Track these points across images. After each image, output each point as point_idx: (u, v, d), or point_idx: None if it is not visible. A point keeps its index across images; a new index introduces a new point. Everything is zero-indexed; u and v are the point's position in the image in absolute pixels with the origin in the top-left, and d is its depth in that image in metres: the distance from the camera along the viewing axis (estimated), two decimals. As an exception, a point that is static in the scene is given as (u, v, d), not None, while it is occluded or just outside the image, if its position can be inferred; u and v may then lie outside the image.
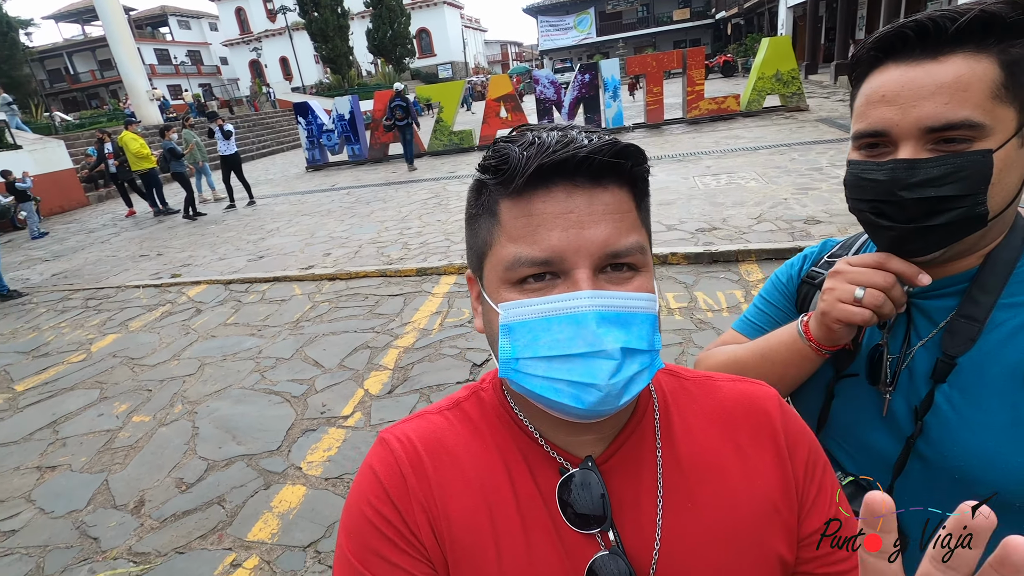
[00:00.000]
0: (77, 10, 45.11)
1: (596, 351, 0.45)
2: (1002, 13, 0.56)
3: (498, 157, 0.48)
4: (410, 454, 0.54)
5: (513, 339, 0.48)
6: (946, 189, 0.59)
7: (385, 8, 33.53)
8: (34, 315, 5.76)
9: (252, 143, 21.77)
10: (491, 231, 0.50)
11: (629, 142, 0.47)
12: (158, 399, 3.62)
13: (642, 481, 0.54)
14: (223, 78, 48.58)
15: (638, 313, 0.47)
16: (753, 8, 28.28)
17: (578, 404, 0.46)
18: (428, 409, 0.60)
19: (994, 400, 0.63)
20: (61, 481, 2.91)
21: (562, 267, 0.47)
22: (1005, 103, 0.57)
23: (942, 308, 0.68)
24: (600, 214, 0.46)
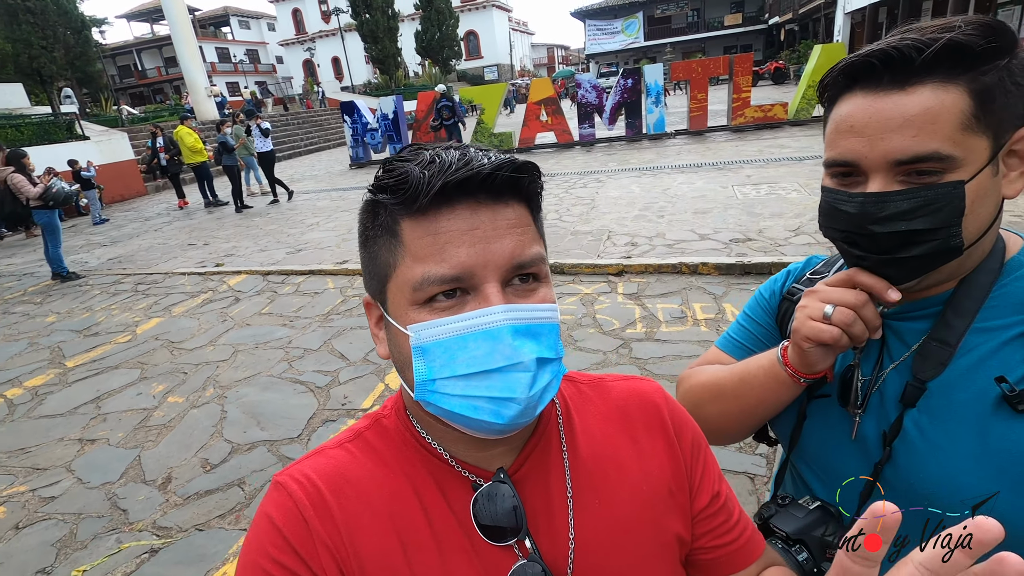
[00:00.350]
0: (147, 10, 47.67)
1: (514, 364, 0.46)
2: (971, 42, 0.53)
3: (396, 177, 0.47)
4: (311, 495, 0.52)
5: (428, 360, 0.48)
6: (918, 223, 0.57)
7: (434, 10, 34.11)
8: (89, 296, 6.12)
9: (300, 140, 22.51)
10: (393, 252, 0.49)
11: (526, 160, 0.49)
12: (192, 382, 3.80)
13: (552, 486, 0.55)
14: (278, 76, 50.43)
15: (546, 323, 0.49)
16: (809, 14, 27.39)
17: (498, 420, 0.46)
18: (327, 444, 0.58)
19: (961, 427, 0.61)
20: (99, 454, 3.09)
21: (471, 283, 0.47)
22: (976, 133, 0.55)
23: (916, 330, 0.66)
24: (504, 228, 0.47)
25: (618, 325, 3.90)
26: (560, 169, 10.43)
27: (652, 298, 4.27)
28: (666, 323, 3.85)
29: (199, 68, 20.85)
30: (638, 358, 3.42)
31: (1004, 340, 0.60)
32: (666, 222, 6.06)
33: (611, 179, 8.89)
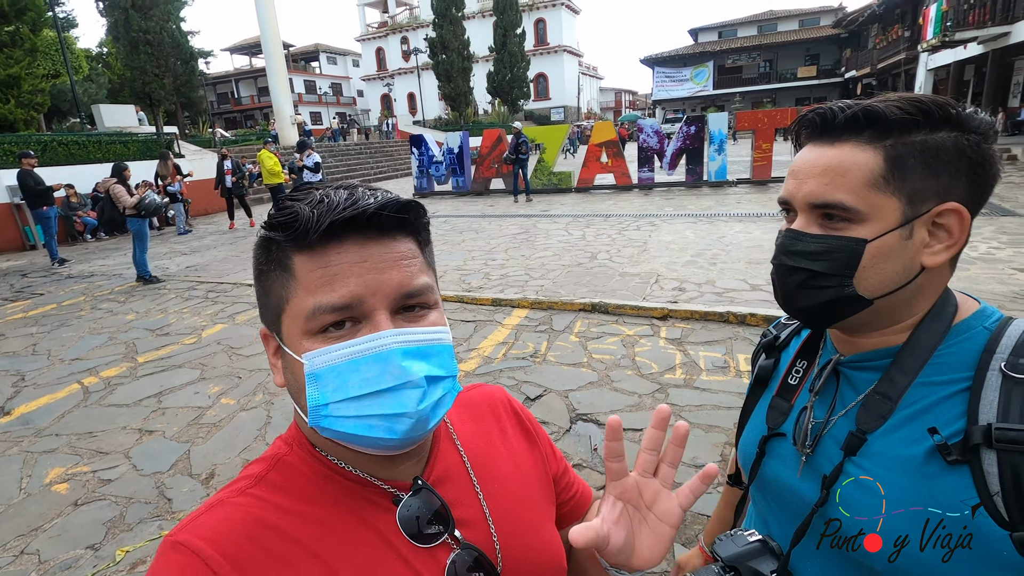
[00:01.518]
0: (248, 44, 52.34)
1: (404, 382, 0.49)
2: (886, 111, 0.61)
3: (287, 215, 0.50)
4: (227, 550, 0.48)
5: (320, 386, 0.50)
6: (817, 265, 0.64)
7: (508, 54, 35.55)
8: (165, 299, 6.64)
9: (372, 167, 23.75)
10: (286, 286, 0.51)
11: (410, 199, 0.54)
12: (244, 386, 4.04)
13: (460, 484, 0.63)
14: (357, 108, 53.68)
15: (436, 344, 0.53)
16: (888, 69, 26.61)
17: (391, 435, 0.50)
18: (226, 494, 0.54)
19: (897, 476, 0.63)
20: (154, 445, 3.33)
21: (362, 310, 0.50)
22: (884, 193, 0.61)
23: (866, 380, 0.69)
24: (392, 261, 0.51)
25: (657, 369, 3.86)
26: (616, 211, 10.49)
27: (695, 345, 4.20)
28: (707, 371, 3.77)
29: (287, 98, 22.55)
30: (674, 404, 3.36)
31: (945, 395, 0.62)
32: (717, 270, 5.96)
33: (666, 223, 8.85)
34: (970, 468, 0.58)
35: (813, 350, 0.79)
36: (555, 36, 45.19)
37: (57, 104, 26.05)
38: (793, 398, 0.78)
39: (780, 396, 0.80)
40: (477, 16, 43.93)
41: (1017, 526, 0.56)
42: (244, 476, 0.57)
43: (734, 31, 42.70)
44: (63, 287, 7.64)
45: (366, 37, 51.12)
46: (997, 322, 0.65)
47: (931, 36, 16.13)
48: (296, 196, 0.52)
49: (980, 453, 0.57)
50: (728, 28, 42.97)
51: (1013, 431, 0.56)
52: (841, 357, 0.72)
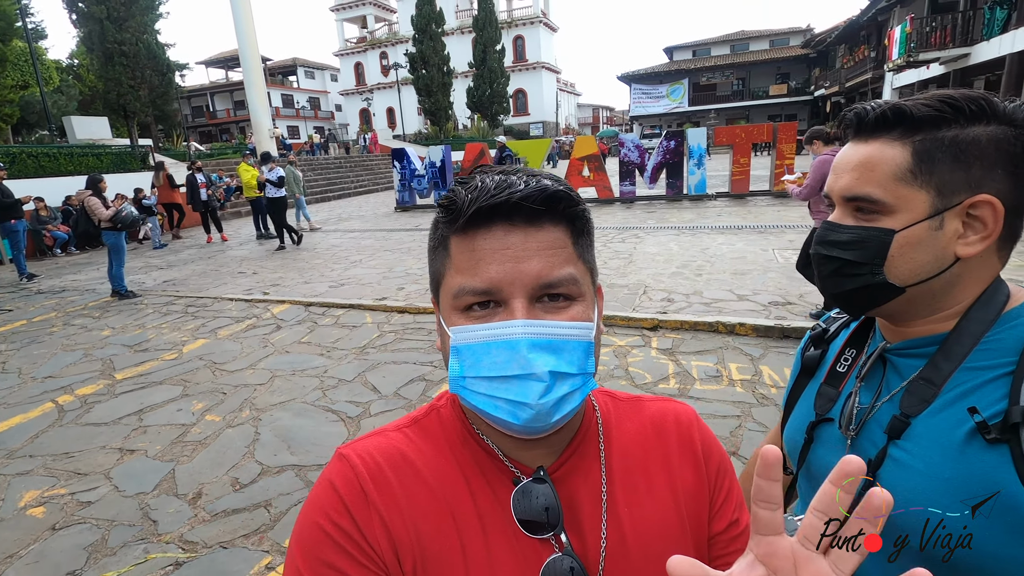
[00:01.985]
0: (224, 57, 51.83)
1: (527, 374, 0.50)
2: (911, 109, 0.64)
3: (448, 199, 0.54)
4: (371, 469, 0.56)
5: (460, 359, 0.53)
6: (848, 254, 0.68)
7: (487, 69, 35.84)
8: (143, 314, 6.44)
9: (352, 181, 23.58)
10: (443, 262, 0.56)
11: (559, 188, 0.53)
12: (230, 402, 3.92)
13: (588, 488, 0.60)
14: (335, 123, 53.45)
15: (570, 340, 0.52)
16: (855, 88, 27.57)
17: (514, 419, 0.51)
18: (387, 427, 0.63)
19: (939, 456, 0.64)
20: (136, 464, 3.19)
21: (500, 296, 0.52)
22: (913, 186, 0.64)
23: (911, 366, 0.71)
24: (534, 250, 0.52)
25: (650, 379, 3.86)
26: (600, 223, 10.58)
27: (687, 355, 4.23)
28: (700, 381, 3.79)
29: (265, 111, 22.32)
30: (670, 414, 3.36)
31: (988, 379, 0.64)
32: (704, 280, 6.04)
33: (650, 236, 8.95)
34: (1009, 447, 0.59)
35: (862, 339, 0.81)
36: (533, 53, 45.80)
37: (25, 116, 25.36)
38: (841, 385, 0.80)
39: (828, 383, 0.82)
40: (456, 32, 44.31)
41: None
42: (407, 416, 0.65)
43: (708, 50, 43.83)
44: (33, 303, 7.37)
45: (345, 52, 51.10)
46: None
47: (896, 56, 16.79)
48: (464, 179, 0.55)
49: (1020, 432, 0.59)
50: (702, 47, 44.09)
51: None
52: (888, 344, 0.74)
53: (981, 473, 0.61)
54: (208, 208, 11.81)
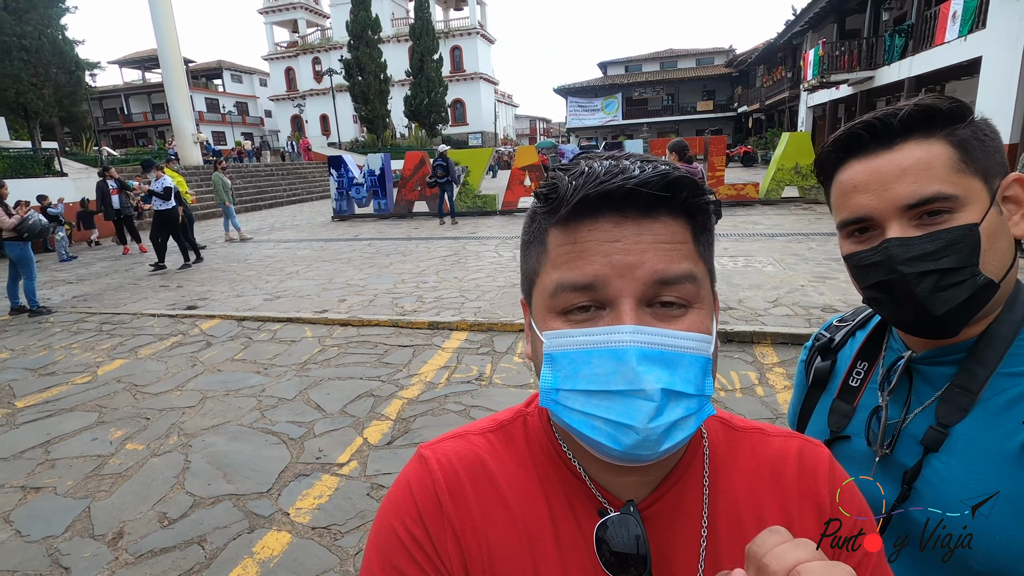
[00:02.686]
0: (141, 57, 48.62)
1: (635, 390, 0.43)
2: (938, 104, 0.62)
3: (549, 186, 0.48)
4: (449, 478, 0.52)
5: (554, 369, 0.46)
6: (944, 262, 0.61)
7: (425, 78, 35.58)
8: (48, 334, 5.81)
9: (284, 190, 22.65)
10: (539, 259, 0.49)
11: (681, 175, 0.45)
12: (154, 428, 3.56)
13: (685, 531, 0.51)
14: (265, 129, 51.29)
15: (687, 354, 0.44)
16: (774, 105, 29.51)
17: (614, 444, 0.44)
18: (470, 428, 0.58)
19: (989, 469, 0.62)
20: (43, 504, 2.82)
21: (606, 295, 0.45)
22: (968, 175, 0.62)
23: (942, 375, 0.69)
24: (648, 243, 0.45)
25: (604, 387, 3.86)
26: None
27: (637, 361, 4.27)
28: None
29: (188, 116, 21.12)
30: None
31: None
32: (648, 288, 6.16)
33: (592, 244, 9.09)
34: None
35: (875, 350, 0.78)
36: (471, 63, 45.97)
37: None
38: (856, 400, 0.77)
39: (841, 399, 0.79)
40: (393, 40, 43.77)
41: None
42: (493, 418, 0.59)
43: (639, 66, 45.62)
44: (-88, 323, 6.49)
45: (274, 56, 49.22)
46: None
47: (811, 77, 18.11)
48: (566, 166, 0.48)
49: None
50: (634, 63, 45.85)
51: None
52: (914, 354, 0.71)
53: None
54: (122, 217, 10.91)
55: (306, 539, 2.47)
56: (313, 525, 2.56)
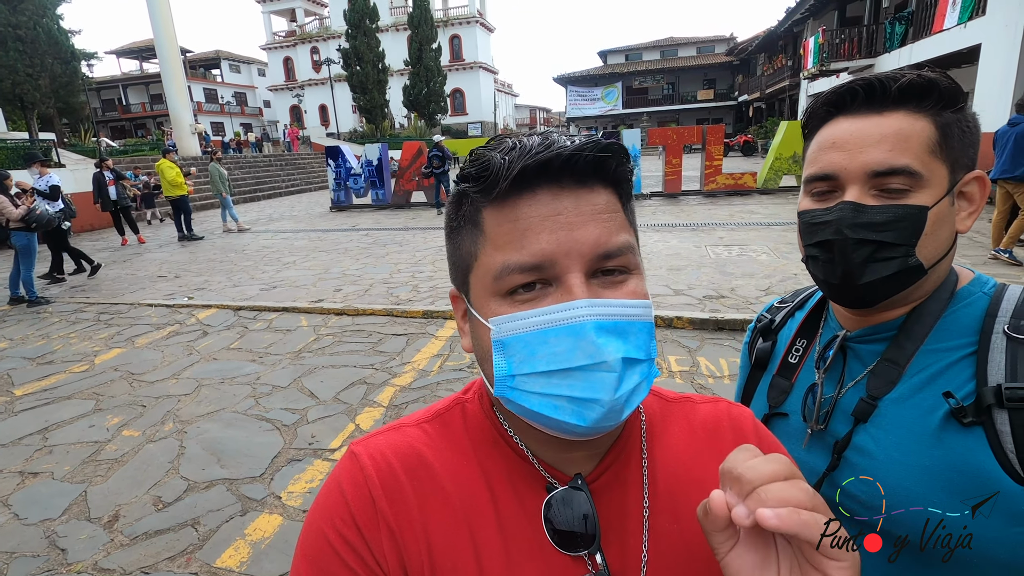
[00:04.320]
0: (138, 47, 48.32)
1: (597, 363, 0.43)
2: (938, 80, 0.63)
3: (479, 164, 0.46)
4: (383, 473, 0.50)
5: (507, 355, 0.45)
6: (885, 236, 0.63)
7: (424, 68, 35.35)
8: (47, 324, 5.86)
9: (283, 181, 22.61)
10: (475, 242, 0.48)
11: (612, 140, 0.47)
12: (150, 415, 3.62)
13: (629, 500, 0.52)
14: (264, 119, 51.07)
15: (636, 321, 0.45)
16: (775, 94, 29.32)
17: (580, 421, 0.44)
18: (405, 420, 0.56)
19: (913, 440, 0.64)
20: (40, 488, 2.88)
21: (553, 272, 0.44)
22: (939, 160, 0.63)
23: (872, 352, 0.71)
24: (589, 215, 0.45)
25: (594, 374, 3.90)
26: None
27: (628, 349, 4.31)
28: (642, 374, 3.87)
29: (185, 106, 21.03)
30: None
31: (953, 360, 0.65)
32: (642, 277, 6.19)
33: (589, 234, 9.09)
34: (984, 429, 0.60)
35: (813, 329, 0.81)
36: (470, 53, 45.63)
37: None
38: (794, 376, 0.79)
39: (780, 375, 0.81)
40: (391, 29, 43.41)
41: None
42: (429, 408, 0.58)
43: (639, 54, 45.31)
44: (-88, 314, 6.55)
45: (272, 46, 48.88)
46: (994, 288, 0.68)
47: (811, 65, 17.98)
48: (490, 145, 0.47)
49: (993, 413, 0.59)
50: (634, 51, 45.53)
51: (1021, 389, 0.58)
52: (848, 333, 0.73)
53: (960, 458, 0.61)
54: (120, 208, 10.92)
55: (297, 521, 2.53)
56: (304, 508, 2.62)
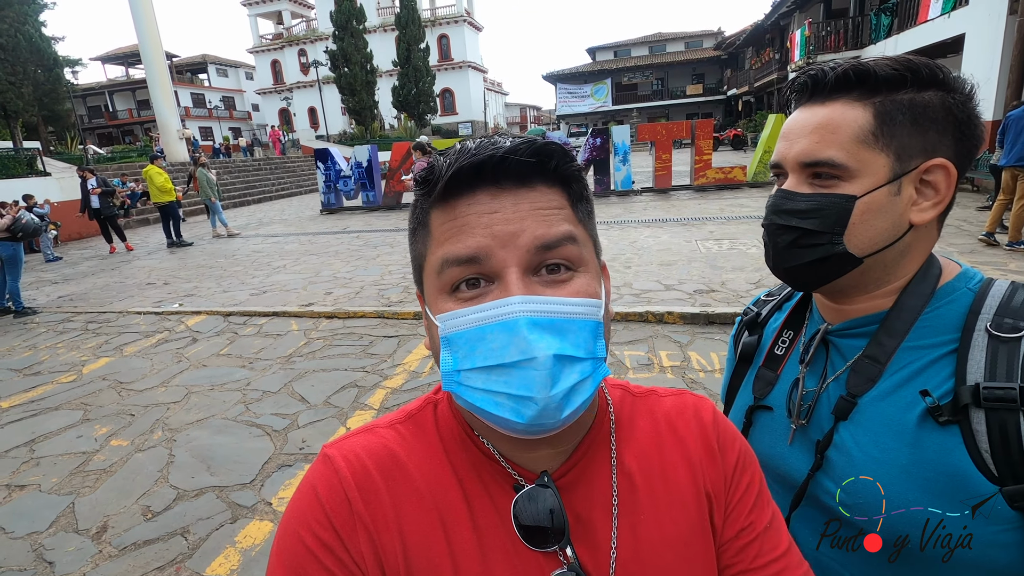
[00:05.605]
0: (123, 53, 47.92)
1: (528, 359, 0.43)
2: (875, 68, 0.61)
3: (426, 169, 0.48)
4: (358, 474, 0.51)
5: (452, 351, 0.47)
6: (807, 223, 0.64)
7: (412, 68, 35.24)
8: (34, 334, 5.80)
9: (272, 184, 22.50)
10: (425, 243, 0.50)
11: (549, 141, 0.47)
12: (139, 424, 3.59)
13: (597, 495, 0.53)
14: (253, 123, 50.76)
15: (575, 320, 0.45)
16: (763, 88, 29.44)
17: (517, 418, 0.44)
18: (378, 422, 0.57)
19: (892, 439, 0.63)
20: (27, 501, 2.85)
21: (491, 267, 0.45)
22: (874, 150, 0.62)
23: (854, 347, 0.70)
24: (527, 211, 0.46)
25: (586, 371, 3.89)
26: (530, 220, 10.64)
27: (619, 345, 4.31)
28: (633, 369, 3.87)
29: (172, 111, 20.89)
30: (606, 404, 3.41)
31: (933, 358, 0.64)
32: (633, 272, 6.20)
33: (580, 231, 9.09)
34: (960, 428, 0.59)
35: (799, 321, 0.79)
36: (459, 52, 45.54)
37: None
38: (779, 368, 0.78)
39: (766, 366, 0.80)
40: (379, 30, 43.28)
41: (1006, 481, 0.57)
42: (402, 409, 0.58)
43: (628, 50, 45.38)
44: None
45: (260, 49, 48.60)
46: (980, 283, 0.66)
47: (798, 58, 18.06)
48: (443, 150, 0.49)
49: (969, 412, 0.58)
50: (623, 48, 45.59)
51: (999, 389, 0.57)
52: (829, 326, 0.72)
53: (937, 457, 0.60)
54: (104, 215, 10.81)
55: (288, 527, 2.51)
56: (295, 514, 2.60)
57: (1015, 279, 0.68)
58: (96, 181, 10.69)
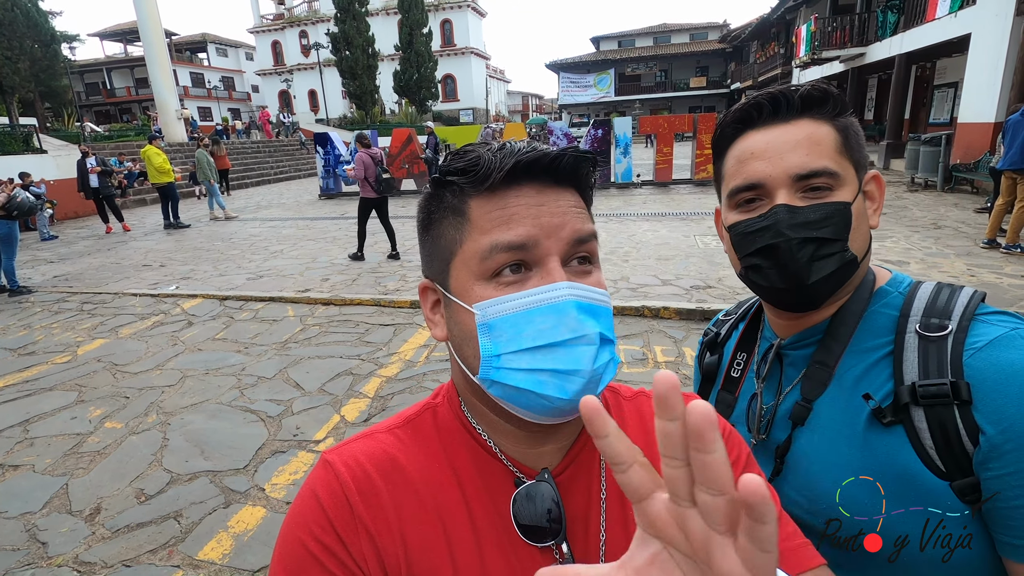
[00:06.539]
0: (122, 30, 47.28)
1: (579, 336, 0.47)
2: (829, 92, 0.67)
3: (468, 160, 0.51)
4: (359, 478, 0.52)
5: (494, 336, 0.49)
6: (823, 232, 0.65)
7: (414, 53, 34.89)
8: (28, 314, 5.79)
9: (271, 168, 22.35)
10: (460, 229, 0.51)
11: (589, 150, 0.53)
12: (134, 407, 3.59)
13: (592, 490, 0.55)
14: (252, 105, 50.30)
15: (603, 306, 0.51)
16: (766, 82, 29.28)
17: (563, 394, 0.47)
18: (377, 427, 0.58)
19: (844, 442, 0.66)
20: (21, 481, 2.86)
21: (535, 254, 0.49)
22: (847, 160, 0.67)
23: (804, 357, 0.73)
24: (566, 207, 0.51)
25: (580, 364, 3.91)
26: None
27: (615, 339, 4.32)
28: (627, 364, 3.89)
29: (171, 90, 20.66)
30: (599, 398, 3.43)
31: (873, 360, 0.67)
32: (630, 266, 6.20)
33: (579, 223, 9.08)
34: (904, 427, 0.61)
35: (751, 341, 0.82)
36: (462, 38, 45.08)
37: None
38: (737, 390, 0.81)
39: (725, 389, 0.83)
40: (381, 13, 42.76)
41: (954, 476, 0.59)
42: (400, 415, 0.60)
43: (632, 41, 44.96)
44: None
45: (260, 29, 48.03)
46: (909, 287, 0.70)
47: (803, 53, 17.93)
48: (477, 145, 0.52)
49: (911, 412, 0.61)
50: (627, 38, 45.17)
51: (933, 386, 0.59)
52: (782, 341, 0.75)
53: (886, 457, 0.62)
54: (102, 195, 10.73)
55: (280, 513, 2.53)
56: (288, 500, 2.62)
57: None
58: (95, 160, 10.60)
